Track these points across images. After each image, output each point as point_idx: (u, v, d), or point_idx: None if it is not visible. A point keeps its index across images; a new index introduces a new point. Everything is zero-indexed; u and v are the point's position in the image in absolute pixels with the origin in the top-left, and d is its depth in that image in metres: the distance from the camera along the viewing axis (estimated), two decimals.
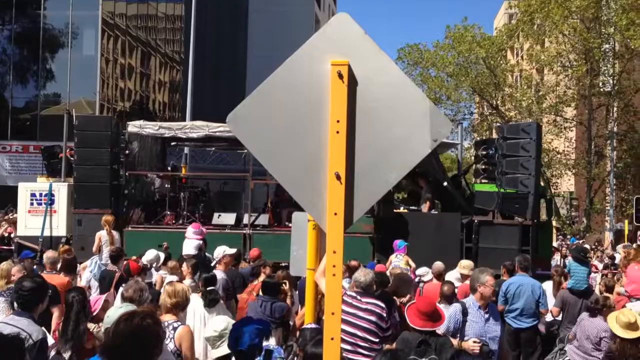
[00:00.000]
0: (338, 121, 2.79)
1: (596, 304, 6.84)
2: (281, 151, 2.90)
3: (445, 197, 13.67)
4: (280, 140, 2.89)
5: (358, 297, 5.31)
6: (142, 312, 2.75)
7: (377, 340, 5.19)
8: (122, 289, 5.87)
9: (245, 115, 2.92)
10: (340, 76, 2.78)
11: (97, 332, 5.14)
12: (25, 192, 13.56)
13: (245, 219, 12.92)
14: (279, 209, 13.51)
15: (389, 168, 2.88)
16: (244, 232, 12.58)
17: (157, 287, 8.06)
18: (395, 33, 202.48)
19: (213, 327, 4.26)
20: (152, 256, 9.31)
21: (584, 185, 31.70)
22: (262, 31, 45.05)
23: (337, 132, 2.79)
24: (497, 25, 49.62)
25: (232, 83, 41.20)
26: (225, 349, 4.15)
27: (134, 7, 36.31)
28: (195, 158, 22.98)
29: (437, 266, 8.56)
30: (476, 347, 5.53)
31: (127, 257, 9.04)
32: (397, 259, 10.78)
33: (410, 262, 10.69)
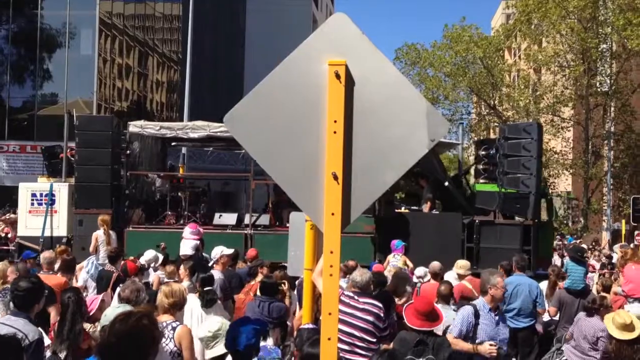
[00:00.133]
0: (335, 121, 2.78)
1: (593, 304, 6.84)
2: (278, 151, 2.89)
3: (446, 197, 13.67)
4: (277, 140, 2.89)
5: (355, 297, 5.31)
6: (138, 313, 2.74)
7: (374, 340, 5.19)
8: (119, 289, 5.86)
9: (242, 116, 2.92)
10: (337, 76, 2.78)
11: (94, 332, 5.13)
12: (25, 192, 13.55)
13: (247, 219, 12.92)
14: (280, 209, 13.50)
15: (386, 168, 2.88)
16: (245, 232, 12.58)
17: (154, 287, 8.06)
18: (393, 33, 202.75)
19: (207, 328, 4.25)
20: (151, 256, 9.32)
21: (581, 185, 31.75)
22: (260, 31, 45.01)
23: (335, 132, 2.78)
24: (495, 25, 49.64)
25: (230, 83, 41.16)
26: (220, 349, 4.14)
27: (132, 6, 36.25)
28: (193, 158, 22.93)
29: (434, 266, 8.55)
30: (494, 351, 5.39)
31: (125, 257, 9.02)
32: (394, 259, 10.78)
33: (408, 262, 10.68)
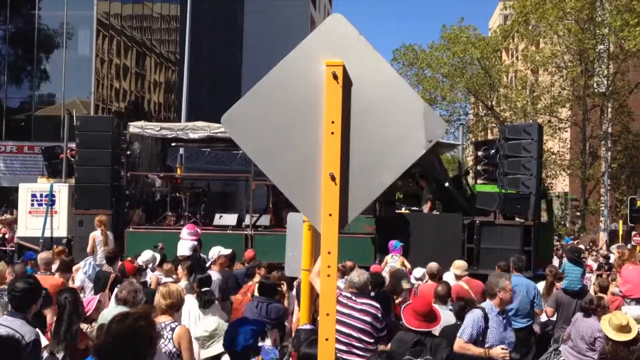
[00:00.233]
0: (333, 122, 2.78)
1: (590, 304, 6.85)
2: (276, 152, 2.89)
3: (446, 197, 13.69)
4: (275, 140, 2.89)
5: (353, 297, 5.31)
6: (135, 314, 2.73)
7: (371, 341, 5.20)
8: (116, 290, 5.85)
9: (240, 116, 2.92)
10: (334, 77, 2.78)
11: (91, 332, 5.12)
12: (25, 192, 13.52)
13: (247, 220, 12.90)
14: (280, 210, 13.48)
15: (383, 169, 2.88)
16: (245, 233, 12.58)
17: (152, 287, 8.05)
18: (391, 34, 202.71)
19: (204, 327, 4.25)
20: (148, 257, 9.31)
21: (578, 186, 31.79)
22: (258, 32, 45.01)
23: (332, 132, 2.78)
24: (492, 26, 49.67)
25: (228, 83, 41.14)
26: (215, 349, 4.14)
27: (129, 7, 36.21)
28: (191, 159, 22.92)
29: (431, 267, 8.56)
30: (507, 355, 5.31)
31: (124, 258, 9.02)
32: (392, 259, 10.78)
33: (406, 263, 10.69)
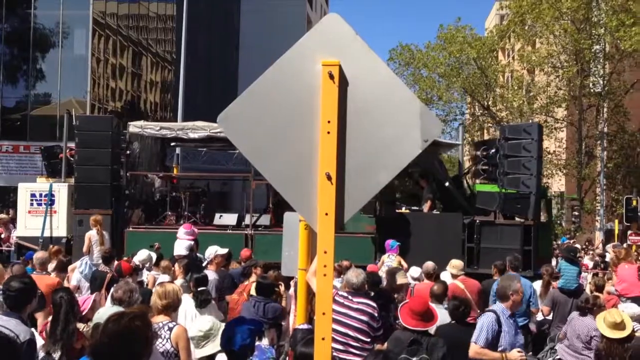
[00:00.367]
0: (329, 121, 2.79)
1: (586, 303, 6.87)
2: (272, 151, 2.90)
3: (446, 197, 13.71)
4: (271, 140, 2.89)
5: (350, 296, 5.31)
6: (131, 313, 2.72)
7: (368, 340, 5.20)
8: (112, 290, 5.84)
9: (236, 115, 2.92)
10: (331, 76, 2.78)
11: (87, 332, 5.11)
12: (25, 192, 13.48)
13: (247, 220, 12.88)
14: (280, 210, 13.45)
15: (380, 168, 2.89)
16: (245, 232, 12.57)
17: (149, 286, 8.04)
18: (387, 34, 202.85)
19: (199, 327, 4.24)
20: (144, 256, 9.29)
21: (574, 186, 31.87)
22: (254, 31, 44.93)
23: (328, 132, 2.79)
24: (489, 26, 49.76)
25: (224, 83, 41.08)
26: (209, 349, 4.13)
27: (125, 6, 36.11)
28: (187, 158, 22.85)
29: (427, 266, 8.56)
30: (524, 358, 5.23)
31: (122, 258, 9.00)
32: (389, 259, 10.79)
33: (403, 263, 10.69)
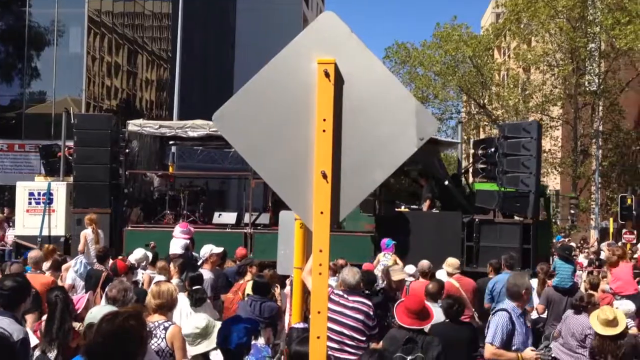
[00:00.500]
0: (324, 120, 2.78)
1: (581, 302, 6.89)
2: (267, 149, 2.89)
3: (446, 196, 13.72)
4: (266, 138, 2.89)
5: (345, 295, 5.32)
6: (125, 313, 2.72)
7: (364, 339, 5.21)
8: (107, 289, 5.82)
9: (231, 114, 2.91)
10: (326, 75, 2.78)
11: (81, 330, 5.09)
12: (23, 191, 13.43)
13: (246, 218, 12.85)
14: (280, 208, 13.41)
15: (375, 166, 2.88)
16: (245, 231, 12.55)
17: (145, 286, 8.02)
18: (382, 32, 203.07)
19: (194, 324, 4.23)
20: (140, 255, 9.27)
21: (569, 184, 31.95)
22: (250, 29, 44.86)
23: (324, 130, 2.78)
24: (484, 24, 49.79)
25: (220, 81, 41.00)
26: (203, 347, 4.13)
27: (121, 4, 36.00)
28: (183, 157, 22.80)
29: (423, 265, 8.57)
30: (539, 356, 5.15)
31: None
32: (385, 258, 10.79)
33: (398, 261, 10.68)
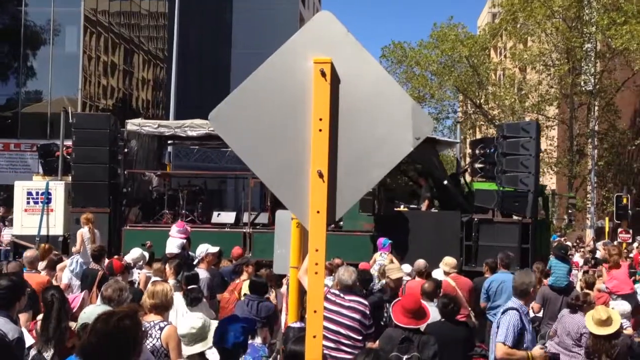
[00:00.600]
0: (321, 119, 2.79)
1: (576, 301, 6.92)
2: (264, 149, 2.89)
3: (444, 195, 13.73)
4: (262, 138, 2.89)
5: (341, 294, 5.32)
6: (120, 313, 2.71)
7: (360, 338, 5.21)
8: (102, 288, 5.81)
9: (227, 113, 2.91)
10: (322, 74, 2.78)
11: (77, 329, 5.08)
12: (21, 190, 13.38)
13: (245, 218, 12.84)
14: (278, 208, 13.39)
15: (371, 166, 2.89)
16: (243, 231, 12.54)
17: (140, 286, 8.01)
18: (379, 32, 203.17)
19: (191, 324, 4.23)
20: (136, 255, 9.25)
21: (565, 184, 32.03)
22: (247, 29, 44.84)
23: (320, 130, 2.78)
24: (481, 24, 49.88)
25: (216, 81, 40.95)
26: (200, 347, 4.13)
27: (117, 4, 35.92)
28: (179, 156, 22.76)
29: (419, 264, 8.59)
30: (547, 352, 5.14)
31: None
32: (381, 257, 10.79)
33: (394, 260, 10.70)
